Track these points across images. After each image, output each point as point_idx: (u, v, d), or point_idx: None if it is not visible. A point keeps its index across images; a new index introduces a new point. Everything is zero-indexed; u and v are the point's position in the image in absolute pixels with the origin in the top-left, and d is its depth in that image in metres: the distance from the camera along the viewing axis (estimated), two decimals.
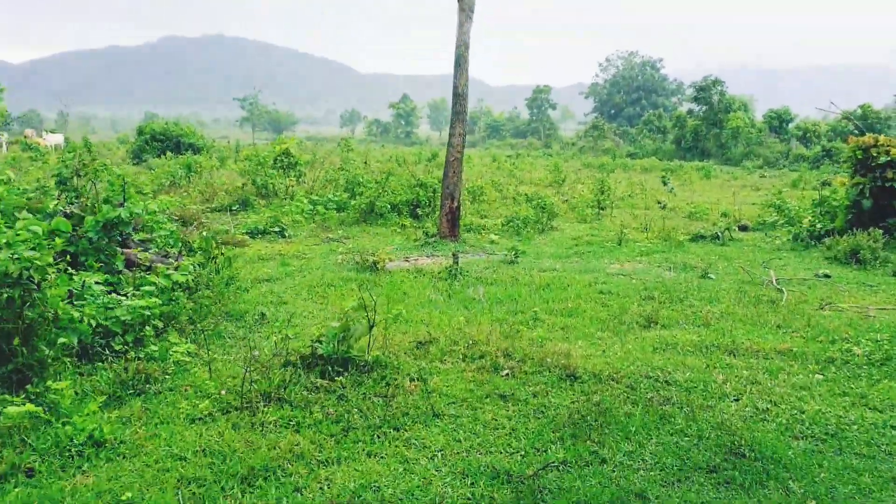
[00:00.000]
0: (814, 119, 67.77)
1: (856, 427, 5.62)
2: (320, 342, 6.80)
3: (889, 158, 14.90)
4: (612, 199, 24.81)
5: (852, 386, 6.63)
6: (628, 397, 6.34)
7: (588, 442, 5.44)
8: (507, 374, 6.87)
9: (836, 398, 6.31)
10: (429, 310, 9.72)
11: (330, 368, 6.60)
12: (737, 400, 6.28)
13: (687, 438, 5.47)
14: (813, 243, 15.30)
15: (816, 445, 5.34)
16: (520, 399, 6.27)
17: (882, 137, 15.41)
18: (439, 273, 12.11)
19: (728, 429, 5.58)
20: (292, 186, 22.55)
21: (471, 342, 7.77)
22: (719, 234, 16.31)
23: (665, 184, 32.44)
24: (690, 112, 66.42)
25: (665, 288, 10.99)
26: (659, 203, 24.62)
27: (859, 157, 15.41)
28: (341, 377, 6.48)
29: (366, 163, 23.09)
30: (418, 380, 6.65)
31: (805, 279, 12.00)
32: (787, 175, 40.47)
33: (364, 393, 6.30)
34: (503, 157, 54.53)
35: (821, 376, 6.95)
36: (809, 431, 5.56)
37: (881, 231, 14.28)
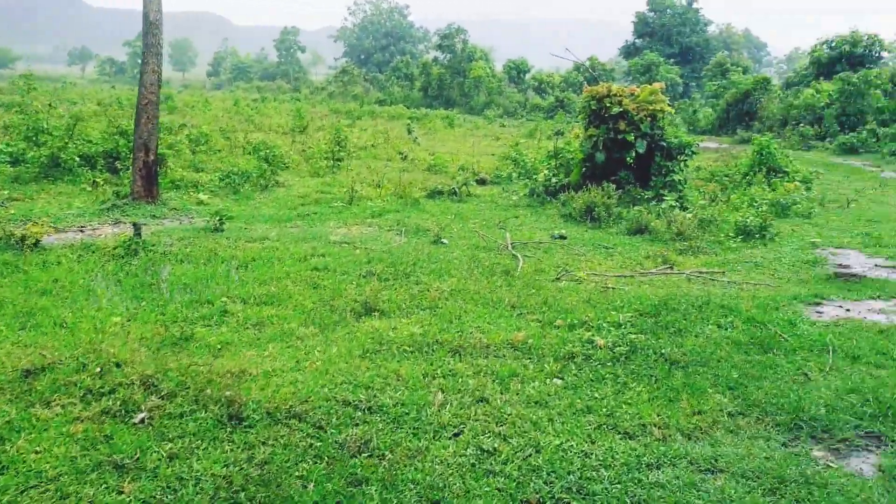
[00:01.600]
0: (549, 70, 70.96)
1: (606, 473, 4.21)
2: None
3: (622, 109, 14.46)
4: (350, 149, 23.03)
5: (597, 396, 5.34)
6: (311, 445, 4.48)
7: None
8: (143, 421, 4.71)
9: (579, 419, 4.94)
10: (80, 307, 7.21)
11: None
12: (457, 435, 4.68)
13: None
14: (549, 199, 14.60)
15: None
16: (146, 468, 4.15)
17: (615, 87, 14.96)
18: (115, 249, 9.48)
19: None
20: None
21: (107, 364, 5.47)
22: (456, 189, 15.12)
23: (409, 133, 31.46)
24: (436, 60, 66.38)
25: (391, 260, 9.34)
26: (400, 154, 23.26)
27: (593, 107, 14.85)
28: None
29: (50, 105, 18.92)
30: None
31: (541, 242, 11.01)
32: (526, 125, 41.35)
33: None
34: (248, 100, 50.60)
35: (560, 381, 5.61)
36: (547, 488, 4.06)
37: (614, 185, 13.84)
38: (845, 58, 40.07)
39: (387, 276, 8.61)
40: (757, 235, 11.26)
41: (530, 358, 6.07)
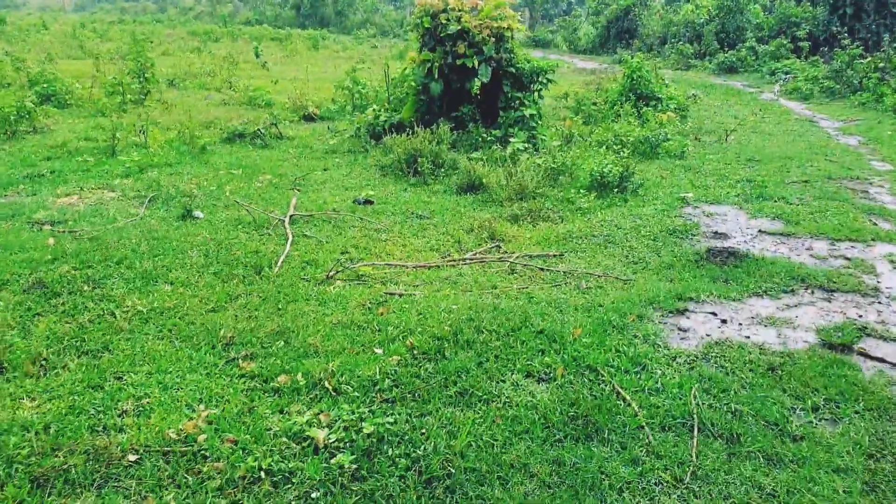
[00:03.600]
0: None
1: None
2: None
3: (461, 27, 11.65)
4: (168, 78, 19.47)
5: None
6: None
7: None
8: None
9: None
10: None
11: None
12: None
13: None
14: (374, 143, 11.74)
15: None
16: None
17: (452, 0, 12.05)
18: None
19: None
20: None
21: None
22: (261, 131, 12.05)
23: (257, 56, 27.92)
24: None
25: (89, 253, 6.38)
26: (228, 83, 19.75)
27: (427, 25, 11.94)
28: None
29: None
30: None
31: (337, 211, 8.23)
32: (399, 45, 37.86)
33: None
34: (102, 24, 44.54)
35: None
36: None
37: (453, 124, 11.16)
38: None
39: (61, 288, 5.67)
40: (616, 189, 8.86)
41: (181, 484, 3.39)
